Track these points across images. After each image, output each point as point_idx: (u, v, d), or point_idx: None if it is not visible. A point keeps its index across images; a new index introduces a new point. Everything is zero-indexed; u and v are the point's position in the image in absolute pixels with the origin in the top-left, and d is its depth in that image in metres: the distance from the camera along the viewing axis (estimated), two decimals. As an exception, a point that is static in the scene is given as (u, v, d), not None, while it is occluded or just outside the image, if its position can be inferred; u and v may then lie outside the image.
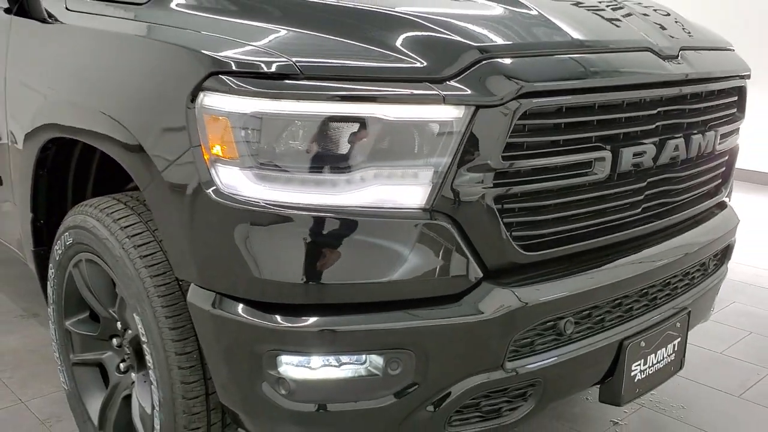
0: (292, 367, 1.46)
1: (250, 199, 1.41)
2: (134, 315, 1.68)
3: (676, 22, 1.97)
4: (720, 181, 2.09)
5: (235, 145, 1.41)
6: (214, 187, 1.43)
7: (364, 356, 1.46)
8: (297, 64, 1.37)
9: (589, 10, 1.79)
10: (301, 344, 1.44)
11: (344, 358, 1.46)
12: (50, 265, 2.04)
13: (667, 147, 1.73)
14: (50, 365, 2.75)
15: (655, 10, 1.98)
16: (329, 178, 1.41)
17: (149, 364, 1.67)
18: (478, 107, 1.39)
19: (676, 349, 1.91)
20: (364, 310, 1.44)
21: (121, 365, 1.98)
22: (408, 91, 1.39)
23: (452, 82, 1.40)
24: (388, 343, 1.45)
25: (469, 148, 1.41)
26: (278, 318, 1.43)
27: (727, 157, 2.09)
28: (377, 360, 1.46)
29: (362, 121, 1.38)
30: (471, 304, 1.47)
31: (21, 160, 2.09)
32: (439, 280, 1.46)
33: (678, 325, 1.90)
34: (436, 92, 1.38)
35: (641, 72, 1.65)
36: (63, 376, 2.14)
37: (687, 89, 1.75)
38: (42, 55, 1.96)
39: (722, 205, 2.15)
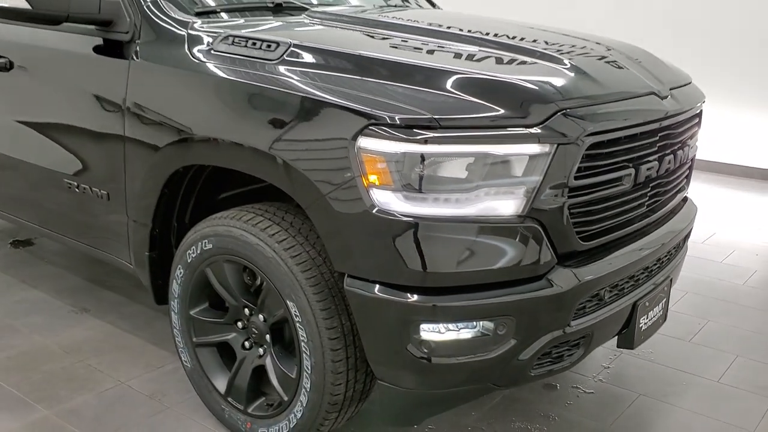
0: (429, 332, 2.03)
1: (398, 212, 1.96)
2: (287, 302, 2.19)
3: (659, 66, 2.65)
4: (686, 180, 2.79)
5: (389, 175, 1.95)
6: (372, 204, 1.97)
7: (481, 322, 2.05)
8: (435, 117, 1.94)
9: (611, 65, 2.43)
10: (438, 316, 2.01)
11: (467, 324, 2.04)
12: (178, 266, 2.50)
13: (664, 161, 2.40)
14: (127, 351, 3.17)
15: (643, 59, 2.64)
16: (454, 197, 1.98)
17: (302, 338, 2.19)
18: (558, 144, 2.00)
19: (663, 306, 2.62)
20: (481, 289, 2.03)
21: (246, 343, 2.49)
22: (512, 133, 1.98)
23: (540, 128, 1.99)
24: (497, 311, 2.04)
25: (552, 172, 2.01)
26: (420, 297, 2.00)
27: (690, 162, 2.80)
28: (489, 324, 2.05)
29: (479, 156, 1.96)
30: (550, 281, 2.08)
31: (147, 180, 2.53)
32: (528, 266, 2.06)
33: (665, 289, 2.59)
34: (532, 134, 1.98)
35: (651, 110, 2.31)
36: (186, 356, 2.60)
37: (675, 119, 2.43)
38: (184, 97, 2.40)
39: (686, 199, 2.87)
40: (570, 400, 2.83)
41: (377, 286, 2.03)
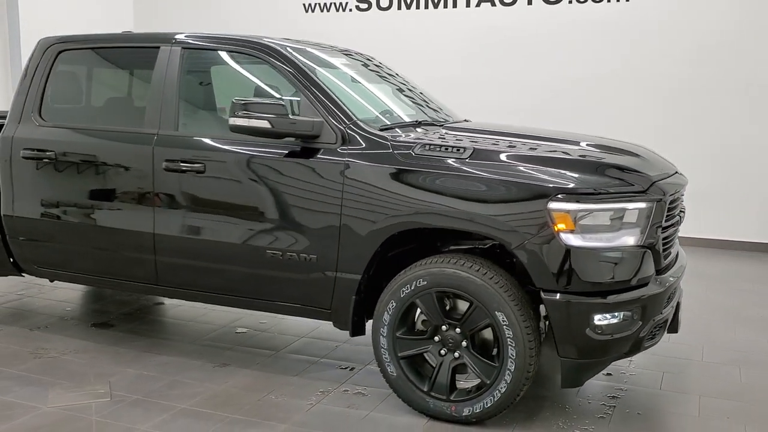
0: (599, 320, 3.30)
1: (577, 246, 3.26)
2: (496, 313, 3.36)
3: (664, 157, 4.21)
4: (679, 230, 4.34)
5: (570, 223, 3.25)
6: (561, 243, 3.26)
7: (623, 311, 3.36)
8: (596, 188, 3.29)
9: (655, 156, 3.94)
10: (605, 309, 3.30)
11: (618, 312, 3.34)
12: (390, 301, 3.57)
13: (682, 214, 3.92)
14: (294, 386, 4.00)
15: (657, 153, 4.18)
16: (606, 235, 3.32)
17: (508, 336, 3.35)
18: (656, 202, 3.42)
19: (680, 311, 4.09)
20: (624, 290, 3.35)
21: (441, 351, 3.58)
22: (633, 196, 3.37)
23: (646, 193, 3.41)
24: (632, 303, 3.36)
25: (654, 218, 3.41)
26: (594, 298, 3.29)
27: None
28: (628, 312, 3.37)
29: (617, 210, 3.33)
30: (656, 283, 3.46)
31: (364, 244, 3.60)
32: (645, 276, 3.42)
33: (681, 296, 4.07)
34: (644, 197, 3.38)
35: (679, 183, 3.83)
36: (391, 368, 3.62)
37: (684, 188, 3.97)
38: (401, 185, 3.51)
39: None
40: (625, 379, 4.18)
41: (566, 294, 3.29)
